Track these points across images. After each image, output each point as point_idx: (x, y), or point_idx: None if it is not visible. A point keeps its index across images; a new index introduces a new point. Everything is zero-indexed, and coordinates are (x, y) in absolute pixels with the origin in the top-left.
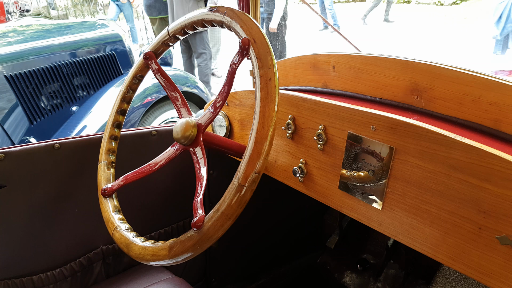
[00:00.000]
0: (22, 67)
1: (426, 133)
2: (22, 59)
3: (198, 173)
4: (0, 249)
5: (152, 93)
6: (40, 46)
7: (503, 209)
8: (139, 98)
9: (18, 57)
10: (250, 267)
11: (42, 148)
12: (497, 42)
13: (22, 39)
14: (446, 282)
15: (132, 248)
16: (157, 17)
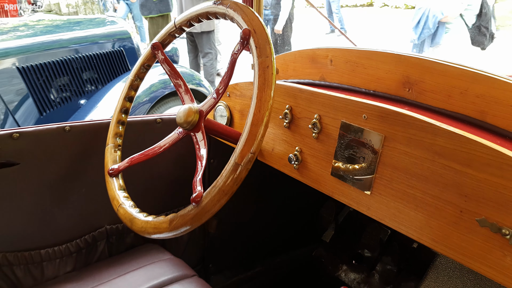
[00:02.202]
0: (34, 59)
1: (414, 121)
2: (34, 52)
3: (198, 154)
4: (11, 223)
5: (158, 89)
6: (51, 40)
7: (483, 192)
8: (145, 94)
9: (29, 50)
10: (246, 256)
11: (53, 130)
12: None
13: (33, 33)
14: (438, 278)
15: (135, 222)
16: (148, 16)
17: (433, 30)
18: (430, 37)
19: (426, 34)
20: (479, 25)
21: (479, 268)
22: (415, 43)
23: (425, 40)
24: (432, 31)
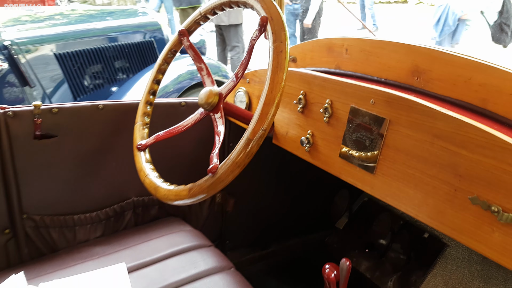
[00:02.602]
0: (69, 47)
1: (416, 106)
2: (69, 40)
3: (216, 130)
4: (48, 189)
5: (185, 79)
6: (85, 29)
7: (476, 172)
8: (172, 84)
9: (65, 37)
10: (261, 236)
11: (89, 107)
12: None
13: (68, 21)
14: (446, 267)
15: (159, 190)
16: (179, 8)
17: (453, 27)
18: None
19: (446, 31)
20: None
21: (469, 243)
22: (437, 40)
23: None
24: (452, 29)
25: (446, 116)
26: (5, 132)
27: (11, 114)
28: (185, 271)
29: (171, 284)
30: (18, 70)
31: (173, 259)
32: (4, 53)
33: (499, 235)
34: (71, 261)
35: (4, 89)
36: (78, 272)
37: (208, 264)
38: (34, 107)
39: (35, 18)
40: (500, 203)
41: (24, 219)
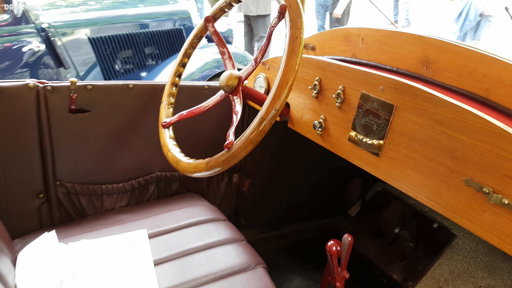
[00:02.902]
0: (103, 32)
1: (420, 93)
2: (103, 25)
3: (234, 109)
4: (80, 159)
5: (211, 67)
6: (118, 15)
7: (471, 156)
8: (199, 71)
9: (99, 22)
10: (275, 217)
11: (119, 86)
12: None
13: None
14: (453, 257)
15: (180, 163)
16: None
17: (474, 22)
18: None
19: (467, 26)
20: None
21: (462, 222)
22: (458, 35)
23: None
24: (473, 24)
25: (446, 102)
26: (44, 105)
27: (50, 88)
28: (200, 240)
29: (187, 250)
30: (54, 52)
31: (190, 229)
32: (42, 35)
33: (489, 215)
34: (97, 225)
35: (40, 70)
36: (104, 235)
37: (222, 236)
38: (70, 83)
39: (70, 2)
40: (491, 185)
41: (57, 186)
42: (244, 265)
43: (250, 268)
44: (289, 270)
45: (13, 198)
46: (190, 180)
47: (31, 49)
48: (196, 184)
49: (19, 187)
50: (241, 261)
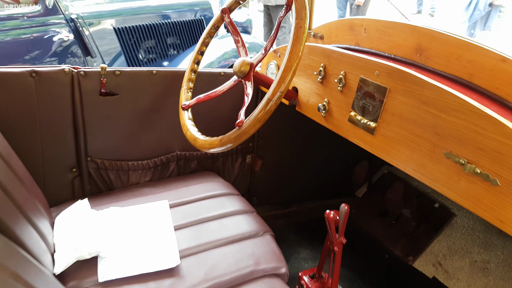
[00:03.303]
0: (127, 22)
1: (409, 76)
2: (128, 15)
3: (245, 91)
4: (109, 138)
5: (230, 57)
6: (141, 6)
7: (450, 132)
8: (218, 60)
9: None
10: (285, 196)
11: (144, 72)
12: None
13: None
14: (451, 234)
15: (197, 141)
16: None
17: (483, 12)
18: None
19: (477, 16)
20: None
21: (442, 190)
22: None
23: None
24: (483, 13)
25: (431, 85)
26: (77, 88)
27: (82, 73)
28: (215, 210)
29: (203, 219)
30: (82, 42)
31: (206, 201)
32: (70, 25)
33: (464, 183)
34: (124, 197)
35: (68, 58)
36: (130, 205)
37: (234, 207)
38: (101, 69)
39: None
40: (466, 156)
41: (88, 161)
42: (254, 232)
43: (258, 235)
44: (297, 244)
45: (50, 171)
46: (207, 160)
47: (60, 38)
48: (213, 163)
49: (55, 162)
50: (250, 228)
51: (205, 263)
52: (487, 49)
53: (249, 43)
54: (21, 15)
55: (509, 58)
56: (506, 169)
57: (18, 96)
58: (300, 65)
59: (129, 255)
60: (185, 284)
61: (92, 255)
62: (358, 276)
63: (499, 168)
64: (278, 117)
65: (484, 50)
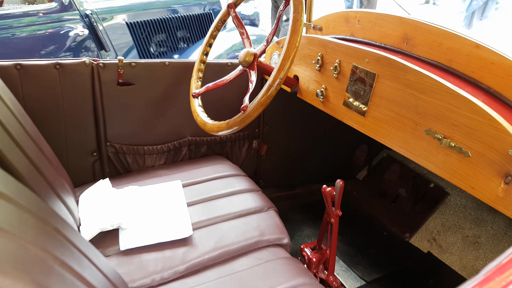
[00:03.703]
0: (139, 17)
1: (394, 63)
2: (139, 10)
3: (250, 79)
4: (126, 124)
5: (238, 49)
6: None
7: (429, 111)
8: (227, 52)
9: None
10: (290, 179)
11: (158, 63)
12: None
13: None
14: (445, 212)
15: (207, 125)
16: None
17: (481, 2)
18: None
19: (474, 6)
20: None
21: (423, 163)
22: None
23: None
24: (480, 3)
25: (413, 70)
26: (97, 79)
27: (102, 65)
28: (224, 189)
29: (213, 196)
30: (96, 36)
31: (215, 181)
32: (85, 21)
33: (442, 156)
34: (141, 178)
35: (83, 52)
36: (147, 185)
37: (241, 186)
38: (118, 61)
39: None
40: (443, 132)
41: (107, 146)
42: (259, 208)
43: (263, 210)
44: (301, 223)
45: (72, 155)
46: (216, 145)
47: (76, 33)
48: (222, 148)
49: (77, 146)
50: (256, 204)
51: (215, 234)
52: (463, 37)
53: (256, 35)
54: (38, 11)
55: (482, 45)
56: (476, 142)
57: (44, 86)
58: (300, 55)
59: (147, 226)
60: (197, 252)
61: (114, 227)
62: (357, 251)
63: (470, 141)
64: (282, 104)
65: (461, 38)
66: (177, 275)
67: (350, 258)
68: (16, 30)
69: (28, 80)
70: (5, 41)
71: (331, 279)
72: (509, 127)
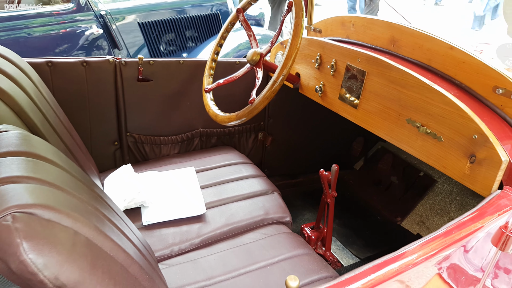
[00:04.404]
0: (150, 17)
1: (381, 62)
2: (150, 11)
3: (256, 76)
4: (145, 117)
5: (244, 48)
6: (163, 2)
7: (410, 103)
8: (233, 51)
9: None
10: (292, 168)
11: (173, 62)
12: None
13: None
14: (433, 197)
15: (218, 117)
16: None
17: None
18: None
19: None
20: None
21: (404, 147)
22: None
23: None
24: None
25: (396, 68)
26: (119, 75)
27: (123, 63)
28: (232, 174)
29: (223, 181)
30: (110, 35)
31: (225, 167)
32: (100, 21)
33: (420, 141)
34: (158, 165)
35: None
36: (164, 171)
37: (248, 172)
38: (138, 59)
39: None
40: (421, 121)
41: (127, 136)
42: (264, 190)
43: (268, 193)
44: (302, 208)
45: (96, 144)
46: (225, 136)
47: (91, 32)
48: (230, 139)
49: (100, 136)
50: (261, 188)
51: (225, 212)
52: (440, 40)
53: (261, 35)
54: (56, 11)
55: (455, 46)
56: (447, 128)
57: (72, 81)
58: (301, 55)
59: (166, 205)
60: (210, 227)
61: (137, 205)
62: (353, 232)
63: (442, 128)
64: (285, 99)
65: (438, 40)
66: (193, 247)
67: (346, 239)
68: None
69: (58, 75)
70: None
71: (328, 254)
72: (473, 116)
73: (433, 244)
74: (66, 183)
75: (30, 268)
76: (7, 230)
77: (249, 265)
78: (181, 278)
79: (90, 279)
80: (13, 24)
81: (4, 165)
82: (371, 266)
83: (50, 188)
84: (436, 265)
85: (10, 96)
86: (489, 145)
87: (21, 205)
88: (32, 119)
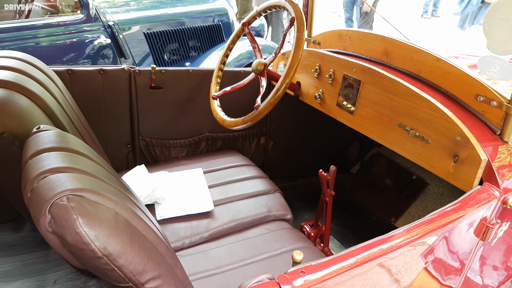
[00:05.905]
0: (155, 28)
1: (375, 72)
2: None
3: (261, 84)
4: (156, 121)
5: (245, 58)
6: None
7: (401, 109)
8: (234, 61)
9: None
10: (292, 171)
11: (183, 71)
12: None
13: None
14: (425, 199)
15: (225, 121)
16: None
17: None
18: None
19: (469, 10)
20: None
21: (396, 149)
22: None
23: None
24: (475, 8)
25: (388, 78)
26: (133, 83)
27: (137, 71)
28: (237, 175)
29: (229, 181)
30: (117, 45)
31: (230, 169)
32: (108, 31)
33: (410, 143)
34: (167, 166)
35: (105, 59)
36: (173, 171)
37: (252, 173)
38: (151, 68)
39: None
40: (411, 125)
41: (139, 139)
42: (267, 190)
43: (270, 192)
44: (301, 209)
45: (110, 146)
46: (229, 140)
47: (99, 42)
48: (234, 143)
49: (115, 139)
50: (264, 187)
51: (231, 209)
52: (428, 52)
53: (262, 45)
54: (66, 22)
55: (441, 58)
56: (433, 131)
57: (90, 88)
58: (302, 65)
59: (178, 202)
60: (218, 222)
61: (151, 201)
62: (350, 232)
63: (430, 131)
64: (286, 106)
65: (426, 52)
66: (203, 240)
67: (343, 237)
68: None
69: (77, 82)
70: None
71: (326, 250)
72: (456, 120)
73: (418, 229)
74: (101, 174)
75: (85, 239)
76: (65, 208)
77: (254, 256)
78: (194, 266)
79: (130, 251)
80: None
81: (51, 158)
82: (362, 245)
83: (91, 177)
84: (422, 258)
85: (43, 100)
86: (470, 146)
87: (72, 189)
88: (61, 121)
